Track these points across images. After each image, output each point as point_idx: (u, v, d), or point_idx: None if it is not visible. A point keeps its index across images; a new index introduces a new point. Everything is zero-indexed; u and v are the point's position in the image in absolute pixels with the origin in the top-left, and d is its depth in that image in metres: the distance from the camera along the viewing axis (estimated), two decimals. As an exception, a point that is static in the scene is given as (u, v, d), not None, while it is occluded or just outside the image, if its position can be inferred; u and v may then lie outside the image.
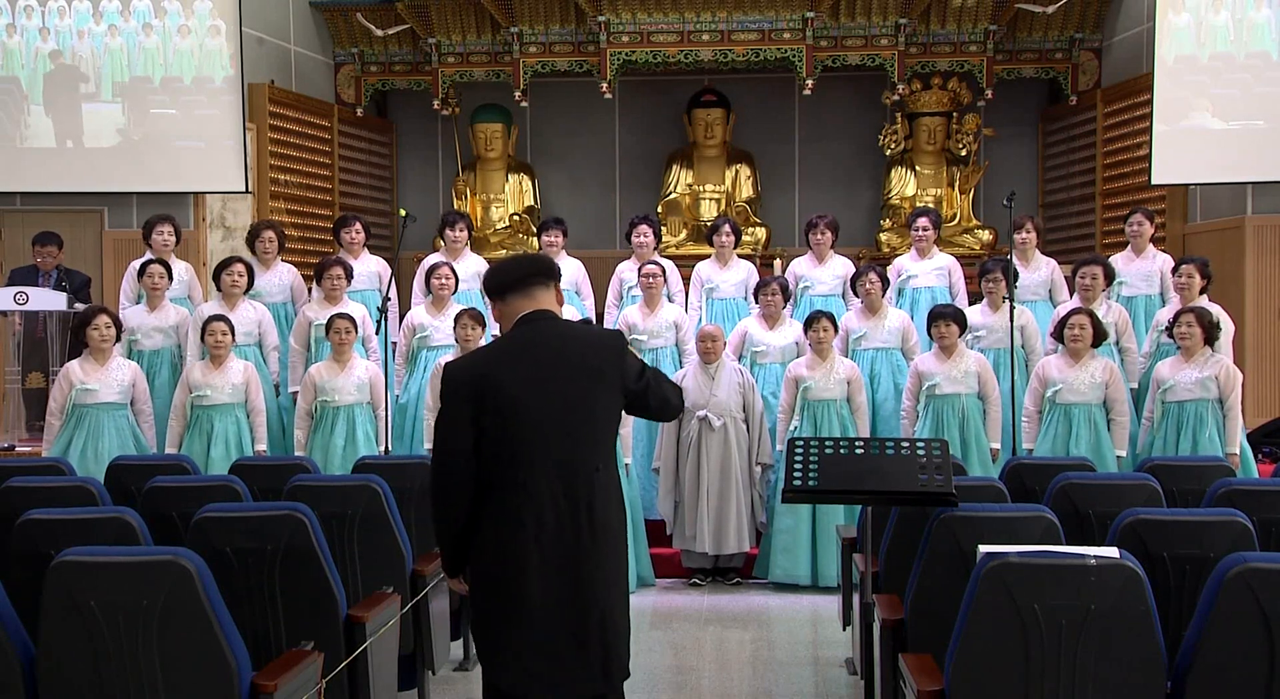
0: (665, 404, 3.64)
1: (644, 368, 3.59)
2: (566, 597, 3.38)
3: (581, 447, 3.43)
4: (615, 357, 3.51)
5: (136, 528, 3.96)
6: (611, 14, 10.39)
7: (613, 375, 3.49)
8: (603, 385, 3.48)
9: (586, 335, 3.57)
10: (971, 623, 3.14)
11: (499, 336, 3.76)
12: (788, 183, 11.75)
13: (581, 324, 3.67)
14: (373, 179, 11.61)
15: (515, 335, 3.54)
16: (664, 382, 3.64)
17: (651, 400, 3.59)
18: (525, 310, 3.53)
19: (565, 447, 3.41)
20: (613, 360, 3.50)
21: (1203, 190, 9.46)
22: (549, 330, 3.52)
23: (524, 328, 3.52)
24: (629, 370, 3.52)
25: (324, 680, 3.68)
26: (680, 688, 5.40)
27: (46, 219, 8.91)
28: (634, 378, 3.53)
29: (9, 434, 7.80)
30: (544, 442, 3.39)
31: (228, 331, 7.05)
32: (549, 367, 3.44)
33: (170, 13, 9.24)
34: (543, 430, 3.40)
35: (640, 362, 3.62)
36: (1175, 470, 5.26)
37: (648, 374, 3.58)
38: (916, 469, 4.21)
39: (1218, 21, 8.98)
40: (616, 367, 3.50)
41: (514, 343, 3.53)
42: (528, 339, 3.50)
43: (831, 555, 6.92)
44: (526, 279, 3.55)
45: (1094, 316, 6.97)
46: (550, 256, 3.76)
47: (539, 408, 3.40)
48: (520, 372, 3.42)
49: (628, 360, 3.54)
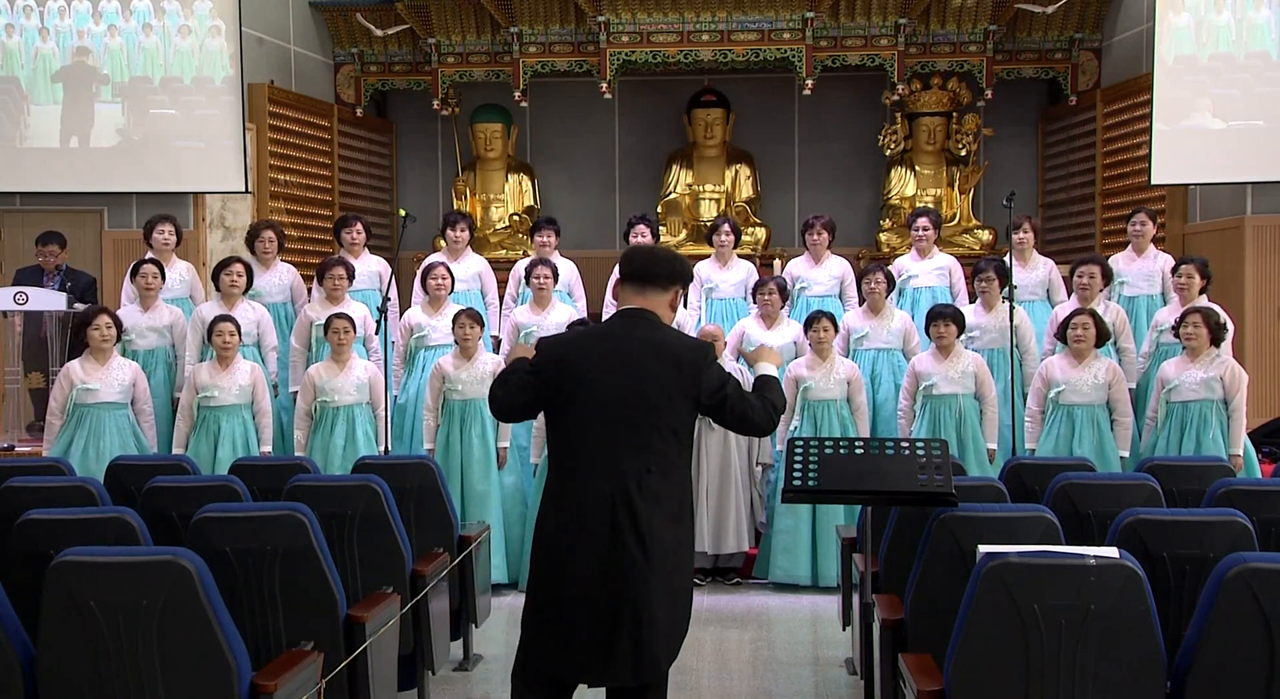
0: (743, 420, 3.64)
1: (725, 383, 3.59)
2: (603, 587, 3.45)
3: (631, 446, 3.50)
4: (692, 368, 3.55)
5: (136, 528, 3.96)
6: (611, 14, 10.39)
7: (685, 385, 3.54)
8: (671, 393, 3.53)
9: (669, 342, 3.62)
10: (971, 623, 3.14)
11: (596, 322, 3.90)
12: (787, 183, 11.75)
13: (673, 331, 3.70)
14: (373, 179, 11.61)
15: (606, 326, 3.75)
16: (748, 399, 3.64)
17: (728, 416, 3.62)
18: (631, 304, 3.66)
19: (616, 443, 3.50)
20: (689, 371, 3.55)
21: (1202, 190, 9.46)
22: (636, 329, 3.60)
23: (617, 321, 3.68)
24: (706, 383, 3.55)
25: (324, 680, 3.68)
26: (680, 688, 5.40)
27: (46, 219, 8.91)
28: (710, 392, 3.56)
29: (9, 434, 7.80)
30: (597, 434, 3.51)
31: (235, 333, 7.05)
32: (623, 363, 3.54)
33: (170, 13, 9.25)
34: (599, 422, 3.51)
35: (725, 376, 3.62)
36: (1175, 470, 5.25)
37: (727, 389, 3.59)
38: (916, 469, 4.21)
39: (1218, 21, 8.98)
40: (692, 377, 3.54)
41: (601, 333, 3.71)
42: (614, 333, 3.64)
43: (831, 555, 6.92)
44: (647, 276, 3.66)
45: (1097, 317, 6.97)
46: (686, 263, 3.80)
47: (601, 400, 3.51)
48: (596, 361, 3.55)
49: (707, 373, 3.56)
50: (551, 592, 3.53)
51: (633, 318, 3.64)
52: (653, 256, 3.75)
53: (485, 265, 8.68)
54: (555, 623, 3.51)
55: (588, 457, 3.52)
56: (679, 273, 3.71)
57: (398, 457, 6.74)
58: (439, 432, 7.16)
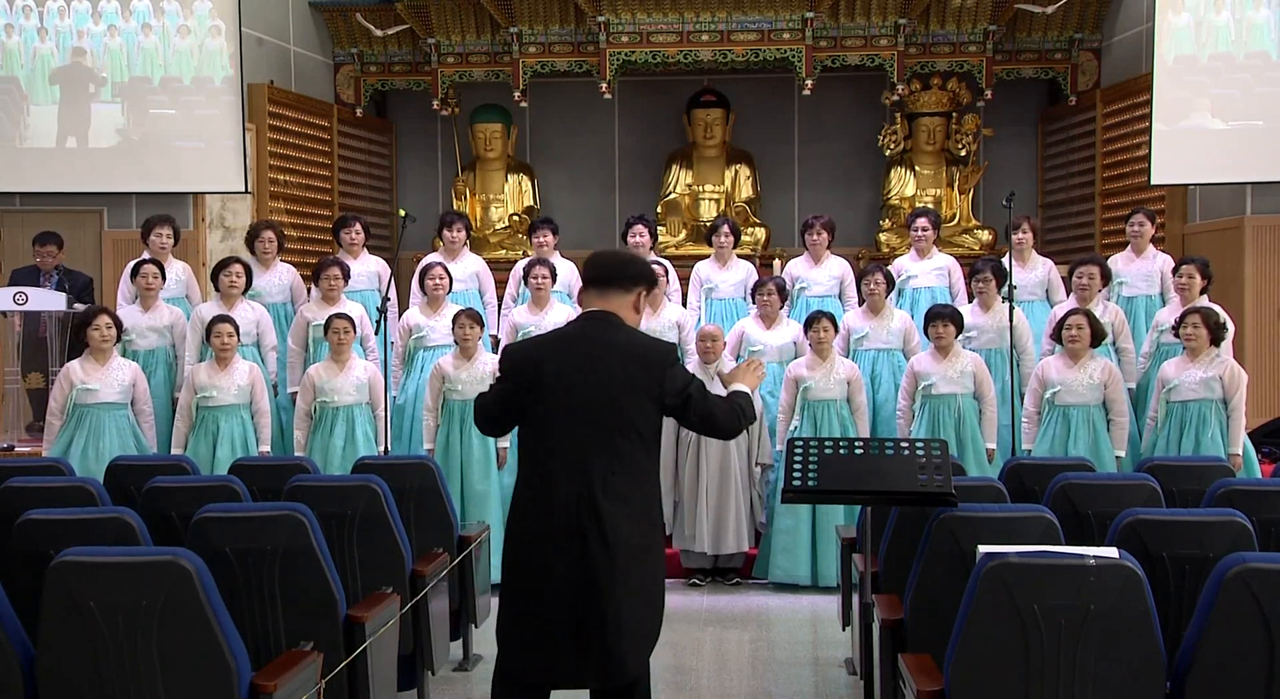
0: (708, 420, 3.64)
1: (689, 383, 3.60)
2: (572, 590, 3.45)
3: (596, 448, 3.50)
4: (655, 368, 3.56)
5: (136, 528, 3.96)
6: (611, 14, 10.39)
7: (648, 386, 3.54)
8: (635, 394, 3.53)
9: (632, 343, 3.62)
10: (971, 623, 3.14)
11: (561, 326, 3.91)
12: (787, 183, 11.75)
13: (636, 332, 3.70)
14: (372, 179, 11.61)
15: (569, 329, 3.77)
16: (712, 400, 3.64)
17: (692, 416, 3.62)
18: (593, 306, 3.68)
19: (581, 445, 3.50)
20: (653, 372, 3.56)
21: (1202, 190, 9.46)
22: (599, 331, 3.61)
23: (580, 324, 3.70)
24: (670, 384, 3.56)
25: (324, 681, 3.68)
26: (680, 688, 5.40)
27: (46, 219, 8.90)
28: (673, 392, 3.56)
29: (9, 434, 7.80)
30: (562, 436, 3.52)
31: (234, 333, 7.05)
32: (586, 365, 3.55)
33: (169, 13, 9.24)
34: (563, 425, 3.52)
35: (688, 377, 3.62)
36: (1175, 470, 5.25)
37: (690, 389, 3.59)
38: (916, 469, 4.21)
39: (1217, 21, 8.97)
40: (655, 378, 3.55)
41: (565, 335, 3.73)
42: (577, 335, 3.67)
43: (831, 555, 6.92)
44: (609, 279, 3.68)
45: (1092, 317, 6.97)
46: (651, 266, 3.80)
47: (565, 403, 3.53)
48: (560, 364, 3.56)
49: (670, 374, 3.57)
50: (523, 596, 3.54)
51: (595, 320, 3.65)
52: (614, 259, 3.76)
53: (483, 265, 8.68)
54: (528, 629, 3.52)
55: (553, 459, 3.52)
56: (641, 275, 3.72)
57: (397, 457, 6.74)
58: (439, 432, 7.16)
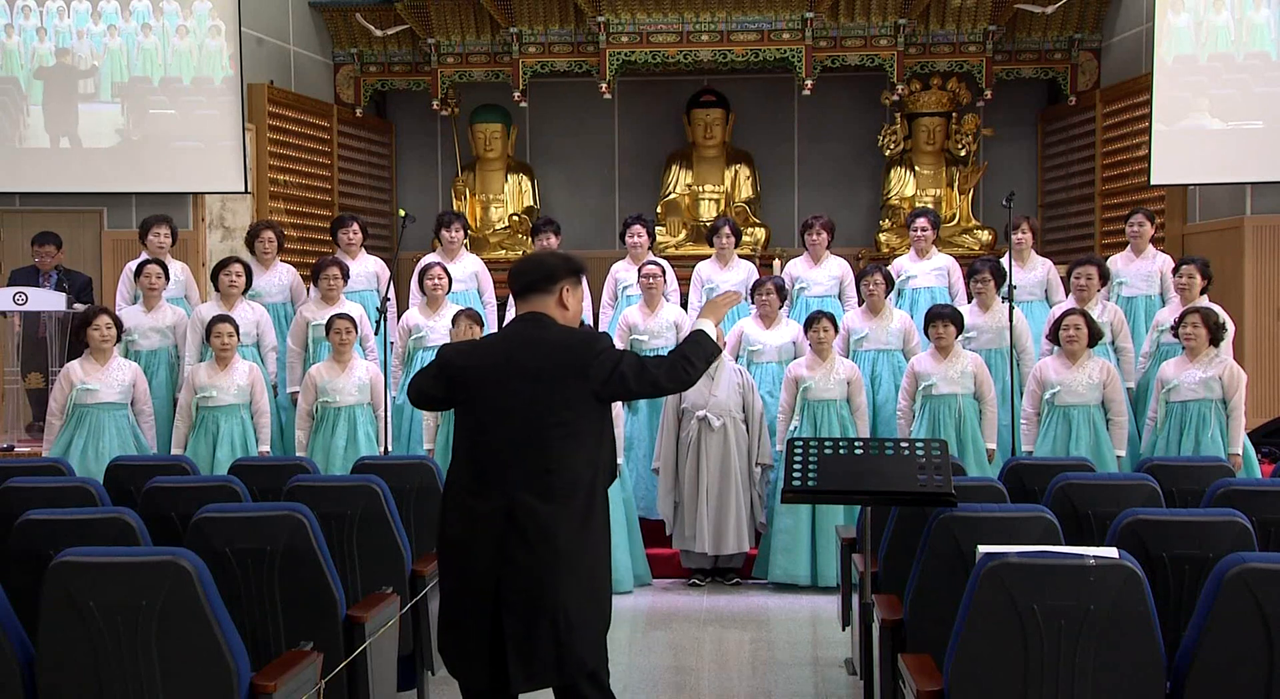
0: (654, 386, 3.59)
1: (618, 363, 3.53)
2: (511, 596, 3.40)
3: (530, 448, 3.47)
4: (578, 360, 3.52)
5: (136, 528, 3.96)
6: (611, 14, 10.39)
7: (574, 379, 3.50)
8: (565, 389, 3.50)
9: (554, 339, 3.59)
10: (971, 623, 3.14)
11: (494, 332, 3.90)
12: (787, 183, 11.75)
13: (560, 327, 3.64)
14: (372, 179, 11.61)
15: (500, 333, 3.76)
16: (647, 365, 3.58)
17: (633, 386, 3.56)
18: (521, 311, 3.68)
19: (514, 447, 3.48)
20: (575, 364, 3.51)
21: (1202, 190, 9.46)
22: (527, 333, 3.61)
23: (510, 326, 3.71)
24: (596, 372, 3.50)
25: (323, 681, 3.68)
26: (680, 688, 5.40)
27: (46, 219, 8.91)
28: (603, 379, 3.51)
29: (8, 434, 7.80)
30: (494, 439, 3.50)
31: (233, 333, 7.05)
32: (514, 367, 3.53)
33: (169, 13, 9.24)
34: (494, 428, 3.51)
35: (616, 356, 3.56)
36: (1174, 470, 5.26)
37: (622, 368, 3.52)
38: (916, 469, 4.21)
39: (1217, 22, 8.98)
40: (579, 370, 3.51)
41: (495, 340, 3.72)
42: (507, 337, 3.66)
43: (831, 555, 6.92)
44: (526, 287, 3.67)
45: (1089, 317, 6.97)
46: (569, 258, 3.76)
47: (494, 406, 3.51)
48: (489, 368, 3.56)
49: (597, 362, 3.52)
50: (456, 603, 3.51)
51: (524, 321, 3.64)
52: (525, 265, 3.72)
53: (481, 265, 8.68)
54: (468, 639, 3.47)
55: (486, 462, 3.50)
56: (555, 272, 3.65)
57: (397, 457, 6.74)
58: (439, 431, 7.16)
